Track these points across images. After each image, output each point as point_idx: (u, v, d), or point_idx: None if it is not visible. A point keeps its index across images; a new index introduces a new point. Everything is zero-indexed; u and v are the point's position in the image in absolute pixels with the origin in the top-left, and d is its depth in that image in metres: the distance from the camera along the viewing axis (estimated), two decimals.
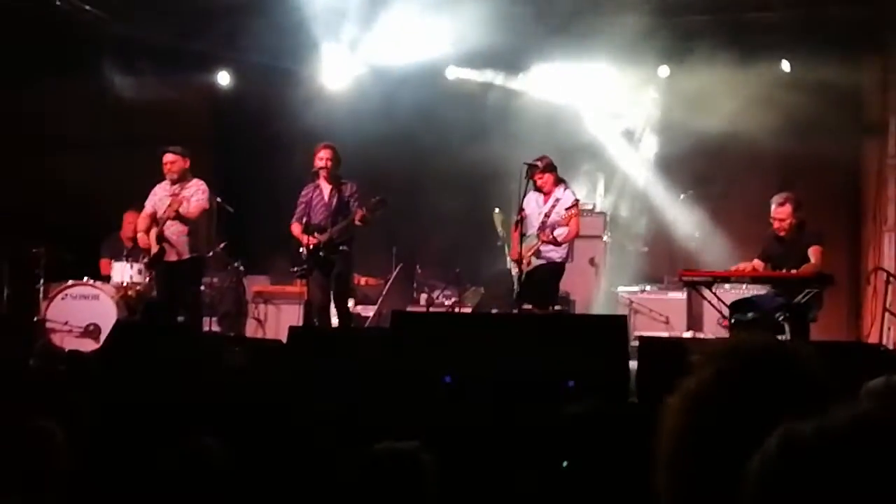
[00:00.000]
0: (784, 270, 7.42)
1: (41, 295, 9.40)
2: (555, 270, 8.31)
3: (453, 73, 11.23)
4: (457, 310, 10.04)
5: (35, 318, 9.12)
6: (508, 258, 8.44)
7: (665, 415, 1.35)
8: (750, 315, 7.41)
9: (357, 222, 8.16)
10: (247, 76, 11.44)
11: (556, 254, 8.26)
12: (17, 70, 10.78)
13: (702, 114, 9.99)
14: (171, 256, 8.45)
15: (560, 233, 8.13)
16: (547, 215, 8.20)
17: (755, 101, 9.85)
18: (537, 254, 8.19)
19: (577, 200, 8.30)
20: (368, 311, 10.26)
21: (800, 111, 9.40)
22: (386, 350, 6.35)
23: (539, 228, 8.16)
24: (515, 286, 8.05)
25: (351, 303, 9.39)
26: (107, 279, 9.47)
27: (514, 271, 8.07)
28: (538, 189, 8.35)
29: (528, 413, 5.31)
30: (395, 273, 10.55)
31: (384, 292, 10.42)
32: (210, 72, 11.53)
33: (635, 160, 11.05)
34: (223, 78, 11.59)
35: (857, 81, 10.01)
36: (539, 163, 8.25)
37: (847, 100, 9.98)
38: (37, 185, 10.66)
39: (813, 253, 7.38)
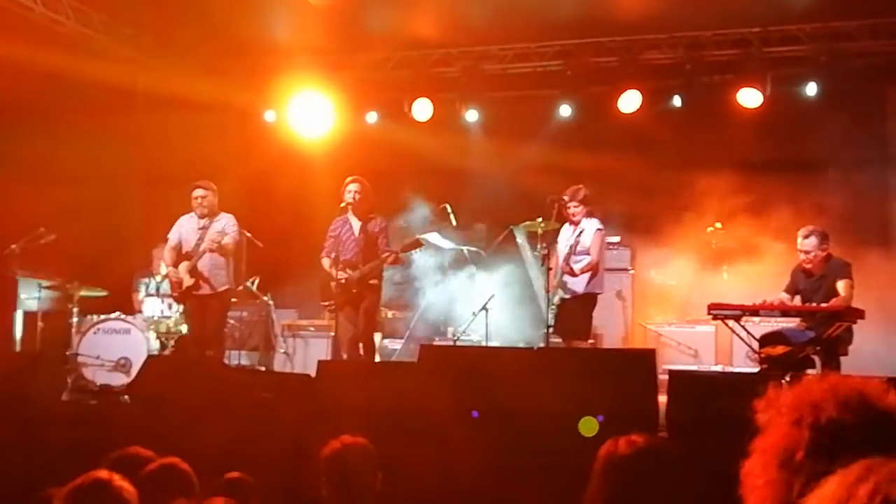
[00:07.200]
0: (813, 304, 7.36)
1: (73, 329, 9.50)
2: (581, 303, 8.12)
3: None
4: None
5: (67, 353, 9.20)
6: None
7: (745, 470, 1.37)
8: (780, 349, 7.33)
9: (388, 263, 8.23)
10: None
11: (577, 286, 8.10)
12: (52, 107, 11.00)
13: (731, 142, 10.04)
14: (205, 290, 8.49)
15: (579, 264, 8.04)
16: (572, 246, 8.10)
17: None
18: (563, 287, 8.12)
19: (600, 229, 8.17)
20: (396, 345, 10.27)
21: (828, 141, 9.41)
22: (414, 383, 6.37)
23: (564, 260, 8.09)
24: (548, 319, 8.02)
25: (378, 336, 9.40)
26: (139, 313, 9.57)
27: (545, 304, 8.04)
28: (571, 221, 8.26)
29: (557, 447, 5.30)
30: (422, 306, 10.56)
31: (412, 325, 10.43)
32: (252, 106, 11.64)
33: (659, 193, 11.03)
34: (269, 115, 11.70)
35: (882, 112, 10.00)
36: (566, 196, 8.20)
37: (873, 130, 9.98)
38: (69, 220, 10.80)
39: (841, 286, 7.32)
